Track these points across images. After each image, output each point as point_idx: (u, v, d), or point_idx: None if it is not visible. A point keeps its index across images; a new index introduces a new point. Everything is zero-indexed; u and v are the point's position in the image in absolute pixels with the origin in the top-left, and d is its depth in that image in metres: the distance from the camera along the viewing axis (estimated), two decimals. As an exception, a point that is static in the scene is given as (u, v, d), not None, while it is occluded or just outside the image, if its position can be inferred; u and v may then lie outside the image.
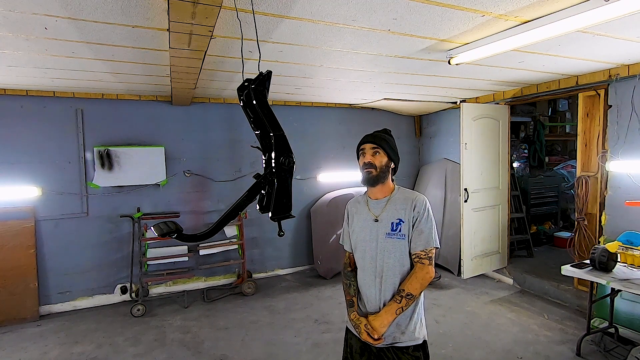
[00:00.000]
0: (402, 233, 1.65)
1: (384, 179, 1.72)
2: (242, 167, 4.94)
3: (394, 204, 1.70)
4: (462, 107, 4.44)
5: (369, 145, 1.73)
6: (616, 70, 3.39)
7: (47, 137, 4.03)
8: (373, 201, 1.76)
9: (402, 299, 1.60)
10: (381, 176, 1.70)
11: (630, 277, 2.71)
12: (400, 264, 1.65)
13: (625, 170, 3.44)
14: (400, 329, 1.65)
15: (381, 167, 1.70)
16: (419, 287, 1.61)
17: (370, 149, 1.72)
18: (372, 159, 1.70)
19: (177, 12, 1.66)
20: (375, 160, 1.70)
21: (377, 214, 1.71)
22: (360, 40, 2.45)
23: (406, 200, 1.69)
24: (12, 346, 3.43)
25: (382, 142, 1.72)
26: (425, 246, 1.63)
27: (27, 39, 2.29)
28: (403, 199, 1.70)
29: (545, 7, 1.96)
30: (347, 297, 1.80)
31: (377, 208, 1.73)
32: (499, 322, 3.66)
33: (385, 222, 1.68)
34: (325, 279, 4.97)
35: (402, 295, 1.61)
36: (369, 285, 1.70)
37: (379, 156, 1.71)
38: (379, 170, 1.69)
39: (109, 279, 4.35)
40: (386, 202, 1.72)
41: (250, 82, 1.66)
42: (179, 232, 1.48)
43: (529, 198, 5.66)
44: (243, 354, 3.22)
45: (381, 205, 1.72)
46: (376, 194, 1.75)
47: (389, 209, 1.70)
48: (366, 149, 1.73)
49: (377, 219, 1.70)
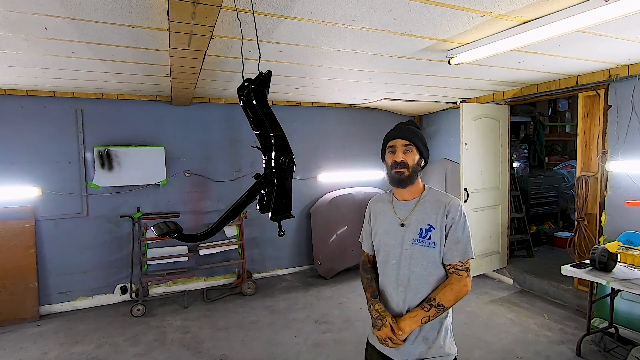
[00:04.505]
0: (432, 241, 1.47)
1: (415, 179, 1.54)
2: (242, 167, 4.94)
3: (424, 207, 1.52)
4: (462, 107, 4.44)
5: (401, 141, 1.52)
6: (616, 70, 3.39)
7: (47, 137, 4.03)
8: (400, 202, 1.58)
9: (432, 308, 1.42)
10: (413, 177, 1.52)
11: (630, 277, 2.71)
12: (428, 273, 1.48)
13: (625, 170, 3.44)
14: (427, 343, 1.48)
15: (413, 167, 1.51)
16: (452, 299, 1.44)
17: (402, 146, 1.51)
18: (404, 157, 1.50)
19: (177, 12, 1.66)
20: (408, 158, 1.50)
21: (404, 218, 1.53)
22: (360, 40, 2.45)
23: (438, 204, 1.50)
24: (12, 346, 3.43)
25: (415, 138, 1.52)
26: (463, 257, 1.46)
27: (27, 39, 2.29)
28: (434, 202, 1.52)
29: (545, 7, 1.96)
30: (369, 289, 1.60)
31: (404, 211, 1.55)
32: (499, 322, 3.66)
33: (413, 227, 1.50)
34: (325, 279, 4.97)
35: (431, 304, 1.43)
36: (391, 293, 1.54)
37: (411, 154, 1.51)
38: (411, 171, 1.50)
39: (109, 279, 4.35)
40: (415, 205, 1.54)
41: (250, 82, 1.66)
42: (179, 232, 1.48)
43: (529, 198, 5.66)
44: (243, 354, 3.22)
45: (409, 207, 1.54)
46: (404, 195, 1.57)
47: (417, 213, 1.52)
48: (397, 145, 1.52)
49: (403, 224, 1.53)
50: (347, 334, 3.52)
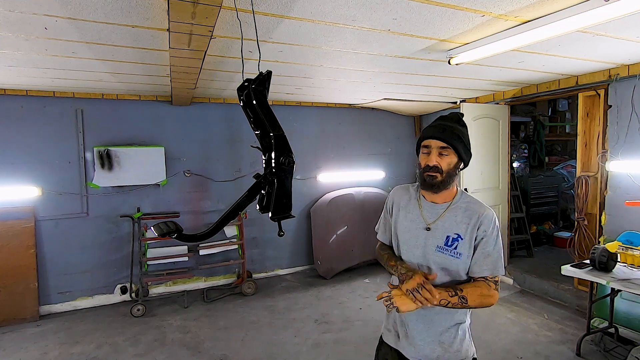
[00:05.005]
0: (459, 252, 1.37)
1: (449, 184, 1.40)
2: (242, 167, 4.94)
3: (454, 214, 1.40)
4: (462, 107, 4.45)
5: (437, 142, 1.37)
6: (616, 70, 3.39)
7: (47, 137, 4.03)
8: (428, 203, 1.46)
9: (455, 296, 1.31)
10: (447, 182, 1.38)
11: (630, 277, 2.71)
12: (450, 283, 1.40)
13: (625, 170, 3.44)
14: (444, 347, 1.43)
15: (448, 171, 1.37)
16: (477, 301, 1.33)
17: (438, 148, 1.37)
18: (438, 160, 1.37)
19: (177, 12, 1.66)
20: (443, 162, 1.37)
21: (430, 222, 1.42)
22: (360, 40, 2.45)
23: (470, 213, 1.39)
24: (12, 346, 3.43)
25: (454, 140, 1.37)
26: (492, 272, 1.36)
27: (27, 39, 2.29)
28: (466, 210, 1.40)
29: (545, 7, 1.96)
30: (393, 258, 1.49)
31: (432, 214, 1.43)
32: (499, 322, 3.66)
33: (439, 233, 1.40)
34: (325, 279, 4.97)
35: (457, 292, 1.31)
36: None
37: (447, 157, 1.37)
38: (445, 176, 1.37)
39: (109, 279, 4.35)
40: (445, 210, 1.42)
41: (250, 82, 1.66)
42: (179, 232, 1.48)
43: (529, 198, 5.66)
44: (243, 354, 3.22)
45: (437, 211, 1.43)
46: (434, 197, 1.45)
47: (446, 219, 1.40)
48: (432, 146, 1.38)
49: (429, 228, 1.41)
50: (347, 334, 3.52)
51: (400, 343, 1.52)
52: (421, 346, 1.45)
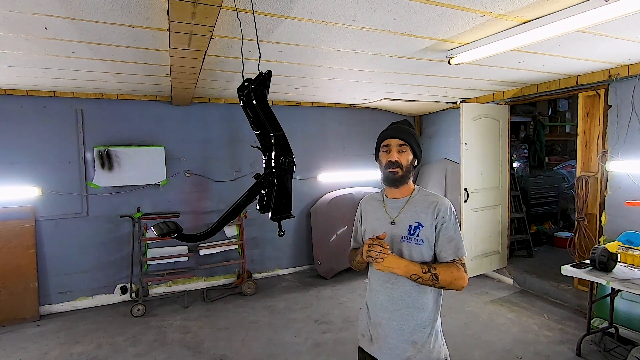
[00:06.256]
0: (420, 238, 1.49)
1: (408, 179, 1.57)
2: (242, 167, 4.94)
3: (413, 206, 1.54)
4: (462, 107, 4.44)
5: (396, 141, 1.54)
6: (616, 70, 3.39)
7: (47, 137, 4.03)
8: (390, 200, 1.61)
9: (428, 272, 1.40)
10: (406, 176, 1.55)
11: (630, 277, 2.71)
12: None
13: (625, 170, 3.44)
14: (416, 347, 1.48)
15: (407, 167, 1.54)
16: (448, 280, 1.41)
17: (397, 146, 1.53)
18: (398, 157, 1.52)
19: (177, 12, 1.66)
20: (402, 158, 1.53)
21: (394, 216, 1.56)
22: (360, 40, 2.45)
23: (428, 204, 1.53)
24: (12, 346, 3.43)
25: (409, 138, 1.54)
26: (456, 254, 1.47)
27: (27, 39, 2.29)
28: (424, 201, 1.55)
29: (545, 7, 1.96)
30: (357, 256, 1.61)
31: (395, 209, 1.58)
32: (499, 322, 3.66)
33: (402, 225, 1.53)
34: (325, 279, 4.97)
35: (429, 268, 1.41)
36: (377, 290, 1.57)
37: (405, 154, 1.53)
38: (404, 171, 1.53)
39: (109, 279, 4.35)
40: (405, 203, 1.56)
41: (250, 82, 1.66)
42: (179, 232, 1.48)
43: (529, 198, 5.66)
44: (243, 354, 3.22)
45: (399, 206, 1.57)
46: (395, 194, 1.60)
47: (407, 211, 1.54)
48: (392, 145, 1.54)
49: (393, 222, 1.55)
50: (347, 334, 3.52)
51: (373, 346, 1.59)
52: (393, 345, 1.51)
